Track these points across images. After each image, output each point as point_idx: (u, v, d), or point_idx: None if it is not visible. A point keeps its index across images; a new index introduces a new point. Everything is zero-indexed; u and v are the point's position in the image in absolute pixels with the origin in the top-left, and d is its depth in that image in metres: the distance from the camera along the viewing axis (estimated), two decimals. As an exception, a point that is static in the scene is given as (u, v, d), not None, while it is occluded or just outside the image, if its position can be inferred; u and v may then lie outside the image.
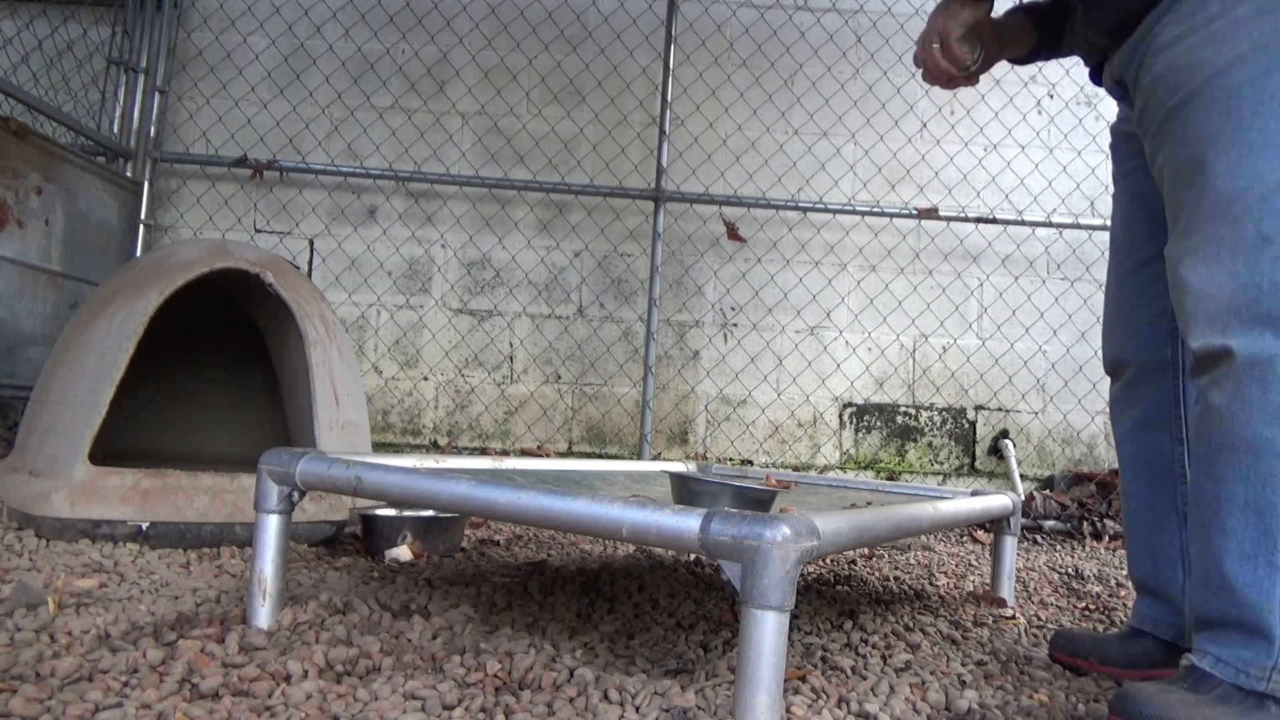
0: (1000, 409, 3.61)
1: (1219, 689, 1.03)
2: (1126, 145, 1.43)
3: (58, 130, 3.17)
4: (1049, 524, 3.11)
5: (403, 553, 1.90)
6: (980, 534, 2.93)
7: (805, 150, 3.64)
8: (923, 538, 2.78)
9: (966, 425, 3.61)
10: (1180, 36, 1.15)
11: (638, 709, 1.02)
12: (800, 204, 3.50)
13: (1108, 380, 1.49)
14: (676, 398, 3.59)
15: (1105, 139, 3.64)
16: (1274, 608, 1.01)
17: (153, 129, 3.48)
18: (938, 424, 3.61)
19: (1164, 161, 1.18)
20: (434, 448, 3.53)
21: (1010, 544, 1.83)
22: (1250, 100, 1.07)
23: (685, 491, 1.30)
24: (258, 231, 3.58)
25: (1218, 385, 1.07)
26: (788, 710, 1.07)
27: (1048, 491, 3.32)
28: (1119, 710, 1.03)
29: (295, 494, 1.29)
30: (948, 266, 3.63)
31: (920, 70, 1.46)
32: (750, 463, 3.57)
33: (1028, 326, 3.61)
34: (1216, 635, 1.06)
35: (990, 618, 1.72)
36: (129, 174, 3.41)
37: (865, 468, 3.58)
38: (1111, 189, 1.49)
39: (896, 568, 2.25)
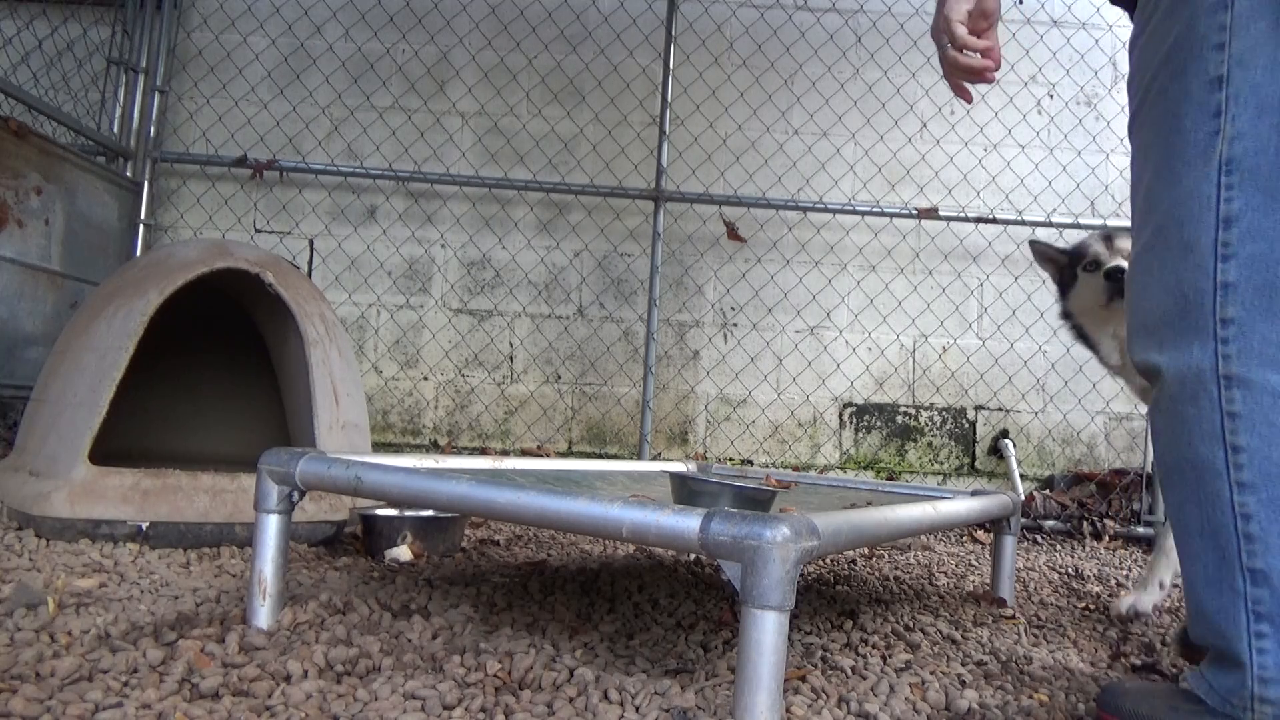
0: (1000, 409, 3.61)
1: (1201, 705, 1.00)
2: None
3: (58, 130, 3.17)
4: (1049, 524, 3.10)
5: (403, 553, 1.90)
6: (980, 534, 2.93)
7: (805, 150, 3.64)
8: (923, 538, 2.78)
9: (966, 425, 3.61)
10: (1135, 37, 1.12)
11: (638, 709, 1.02)
12: (800, 204, 3.50)
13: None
14: (676, 398, 3.59)
15: (1105, 139, 3.64)
16: (1241, 634, 0.95)
17: (153, 129, 3.48)
18: (938, 424, 3.61)
19: None
20: (434, 448, 3.53)
21: (1010, 544, 1.83)
22: (1170, 101, 1.02)
23: (685, 491, 1.30)
24: (258, 231, 3.58)
25: (1157, 406, 1.04)
26: (788, 710, 1.07)
27: (1048, 491, 3.32)
28: (1109, 707, 1.03)
29: (295, 494, 1.29)
30: (948, 266, 3.63)
31: (948, 76, 1.32)
32: (750, 463, 3.57)
33: (1028, 326, 3.61)
34: (1208, 663, 1.02)
35: (990, 618, 1.72)
36: (129, 174, 3.41)
37: (865, 468, 3.58)
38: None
39: (896, 568, 2.25)
